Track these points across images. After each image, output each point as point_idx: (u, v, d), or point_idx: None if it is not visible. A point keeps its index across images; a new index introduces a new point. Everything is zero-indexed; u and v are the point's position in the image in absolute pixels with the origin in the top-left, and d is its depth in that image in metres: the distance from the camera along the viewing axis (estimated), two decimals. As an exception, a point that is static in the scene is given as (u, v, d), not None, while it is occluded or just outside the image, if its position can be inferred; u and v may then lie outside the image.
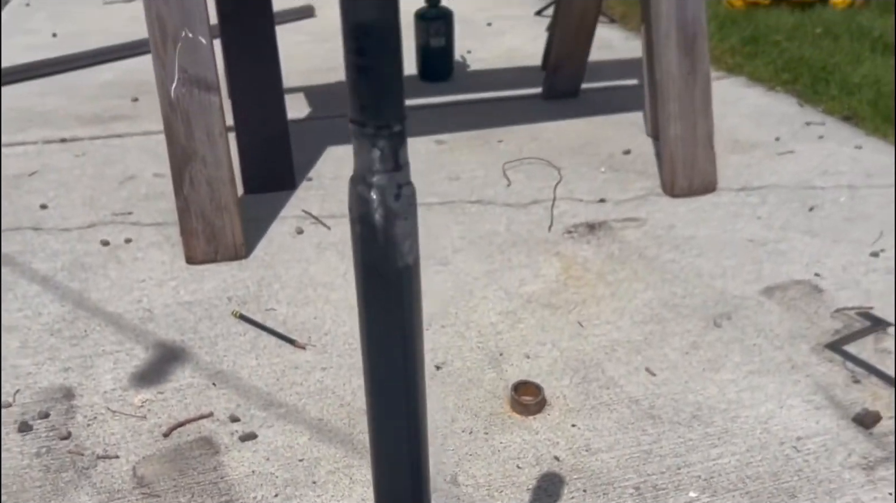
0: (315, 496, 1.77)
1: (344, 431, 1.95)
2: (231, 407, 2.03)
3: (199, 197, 2.63)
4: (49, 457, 1.88)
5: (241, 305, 2.43)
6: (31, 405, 2.03)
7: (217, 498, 1.77)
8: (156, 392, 2.08)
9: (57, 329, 2.32)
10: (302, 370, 2.16)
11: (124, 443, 1.92)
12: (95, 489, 1.79)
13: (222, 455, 1.89)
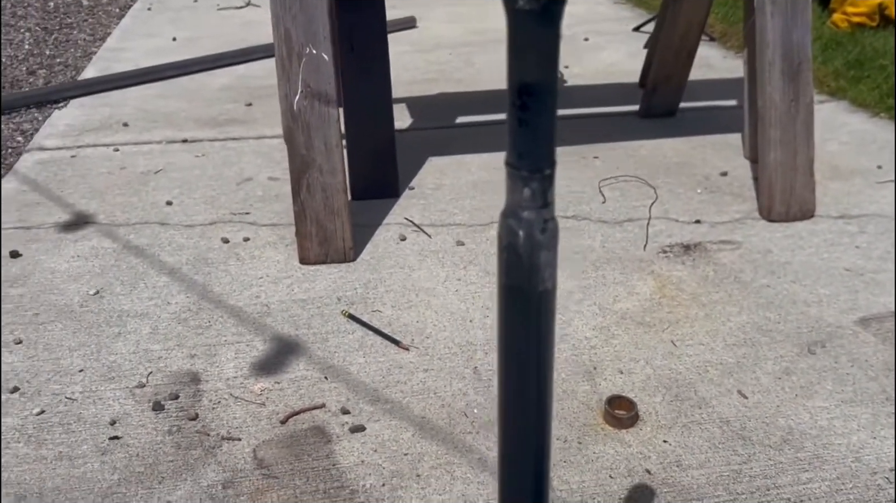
0: (419, 488, 1.91)
1: (445, 430, 2.08)
2: (342, 400, 2.19)
3: (315, 202, 2.82)
4: (179, 436, 2.07)
5: (350, 305, 2.60)
6: (162, 387, 2.24)
7: (329, 483, 1.93)
8: (273, 382, 2.27)
9: (184, 318, 2.54)
10: (406, 370, 2.31)
11: (246, 427, 2.11)
12: (221, 467, 1.98)
13: (334, 444, 2.05)
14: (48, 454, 2.00)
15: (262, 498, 1.89)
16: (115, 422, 2.10)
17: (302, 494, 1.89)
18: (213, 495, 1.89)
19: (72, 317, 2.53)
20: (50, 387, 2.22)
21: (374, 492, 1.90)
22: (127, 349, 2.38)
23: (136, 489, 1.90)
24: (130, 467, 1.97)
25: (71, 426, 2.09)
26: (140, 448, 2.03)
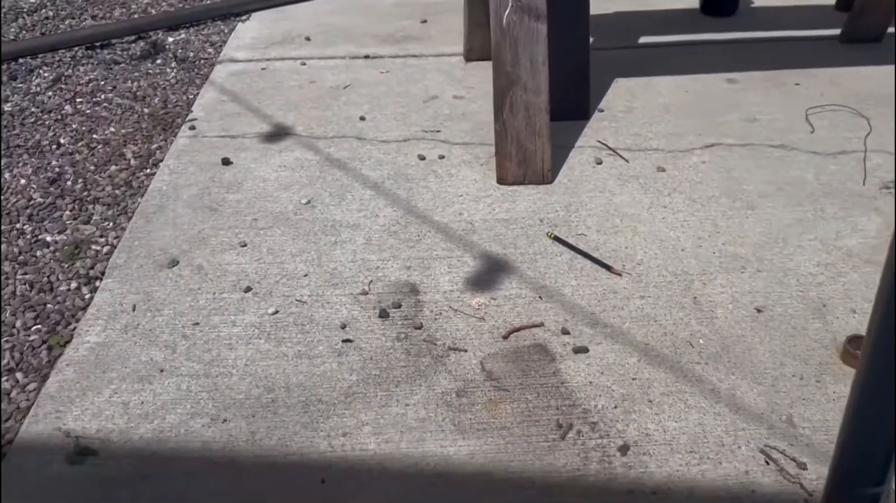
0: (652, 413, 1.91)
1: (671, 359, 2.07)
2: (559, 320, 2.21)
3: (517, 122, 2.79)
4: (408, 343, 2.15)
5: (554, 227, 2.59)
6: (384, 295, 2.32)
7: (560, 400, 1.96)
8: (489, 298, 2.30)
9: (394, 231, 2.60)
10: (621, 296, 2.29)
11: (469, 339, 2.16)
12: (452, 376, 2.04)
13: (558, 363, 2.07)
14: (288, 352, 2.12)
15: (495, 409, 1.94)
16: (346, 325, 2.20)
17: (535, 409, 1.93)
18: (449, 402, 1.96)
19: (288, 224, 2.63)
20: (280, 290, 2.33)
21: (607, 413, 1.91)
22: (345, 257, 2.47)
23: (375, 391, 2.00)
24: (366, 369, 2.06)
25: (305, 327, 2.20)
26: (372, 352, 2.12)
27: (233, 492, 1.73)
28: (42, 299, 2.31)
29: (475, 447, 1.84)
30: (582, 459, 1.79)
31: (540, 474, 1.77)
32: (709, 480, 1.73)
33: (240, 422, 1.91)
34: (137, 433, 1.87)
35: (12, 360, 2.10)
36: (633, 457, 1.80)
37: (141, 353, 2.10)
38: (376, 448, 1.84)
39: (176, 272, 2.40)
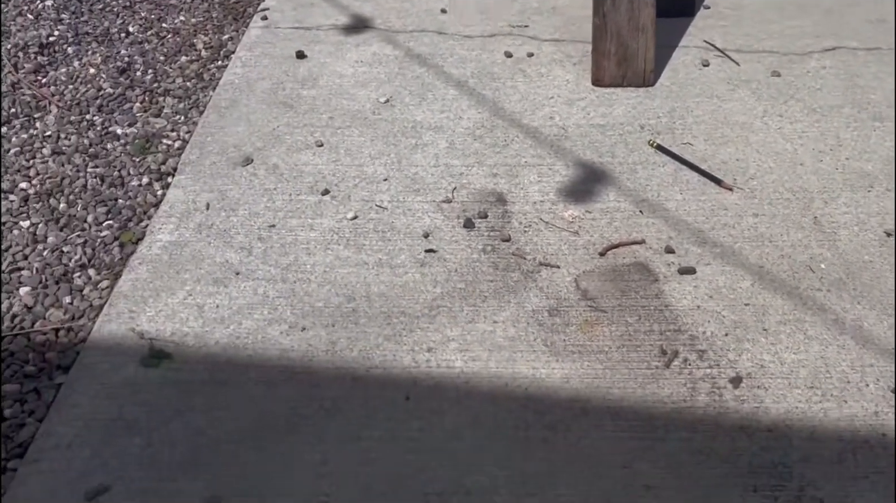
0: (768, 343, 1.73)
1: (789, 283, 1.87)
2: (663, 237, 2.02)
3: (618, 16, 2.52)
4: (495, 256, 1.99)
5: (656, 135, 2.36)
6: (469, 204, 2.15)
7: (664, 325, 1.79)
8: (584, 210, 2.12)
9: (478, 135, 2.41)
10: (732, 212, 2.08)
11: (562, 254, 1.99)
12: (543, 293, 1.89)
13: (662, 284, 1.89)
14: (368, 260, 1.99)
15: (592, 330, 1.79)
16: (429, 234, 2.05)
17: (635, 332, 1.77)
18: (541, 321, 1.81)
19: (366, 124, 2.46)
20: (359, 194, 2.19)
21: (717, 341, 1.74)
22: (427, 162, 2.30)
23: (461, 305, 1.86)
24: (451, 282, 1.92)
25: (386, 234, 2.06)
26: (457, 264, 1.97)
27: (312, 402, 1.64)
28: (113, 194, 2.22)
29: (570, 371, 1.70)
30: (689, 390, 1.64)
31: (642, 404, 1.62)
32: (832, 419, 1.56)
33: (319, 331, 1.80)
34: (213, 338, 1.79)
35: (84, 256, 2.02)
36: (746, 391, 1.63)
37: (216, 254, 2.00)
38: (463, 366, 1.72)
39: (250, 171, 2.27)
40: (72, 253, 2.04)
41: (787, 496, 1.44)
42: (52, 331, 1.83)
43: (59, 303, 1.90)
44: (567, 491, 1.46)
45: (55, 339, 1.81)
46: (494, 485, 1.48)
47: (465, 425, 1.59)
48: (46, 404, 1.65)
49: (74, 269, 1.99)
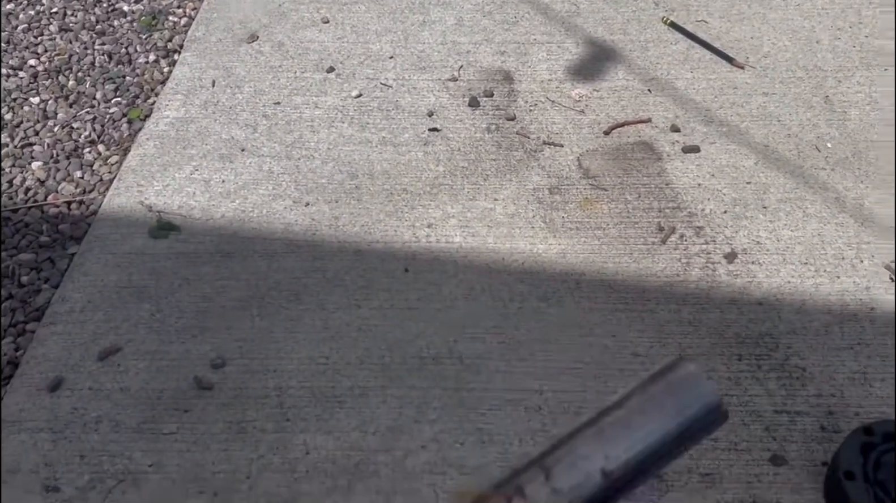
0: (766, 220, 1.74)
1: (793, 162, 1.85)
2: (669, 116, 1.99)
3: None
4: (498, 135, 1.99)
5: (670, 12, 2.29)
6: (475, 82, 2.13)
7: (664, 202, 1.80)
8: (591, 89, 2.09)
9: (487, 11, 2.35)
10: (741, 91, 2.04)
11: (566, 133, 1.98)
12: (545, 171, 1.89)
13: (665, 162, 1.89)
14: (372, 138, 1.99)
15: (591, 208, 1.80)
16: (433, 113, 2.04)
17: (634, 210, 1.79)
18: (541, 199, 1.83)
19: (373, 0, 2.41)
20: (364, 72, 2.17)
21: (715, 218, 1.75)
22: (434, 39, 2.26)
23: (463, 183, 1.88)
24: (453, 161, 1.93)
25: (390, 112, 2.06)
26: (460, 143, 1.97)
27: (315, 273, 1.69)
28: (121, 71, 2.22)
29: (566, 246, 1.73)
30: (683, 265, 1.66)
31: (635, 278, 1.65)
32: (823, 294, 1.59)
33: (322, 206, 1.84)
34: (219, 211, 1.83)
35: (93, 132, 2.05)
36: (740, 266, 1.65)
37: (221, 131, 2.02)
38: (462, 241, 1.75)
39: (256, 48, 2.25)
40: (81, 129, 2.07)
41: (770, 364, 1.48)
42: (64, 204, 1.88)
43: (70, 177, 1.95)
44: (557, 357, 1.52)
45: (67, 212, 1.87)
46: (487, 351, 1.54)
47: (461, 296, 1.64)
48: (60, 272, 1.73)
49: (84, 145, 2.03)
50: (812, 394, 1.44)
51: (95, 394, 1.49)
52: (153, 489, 1.36)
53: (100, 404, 1.48)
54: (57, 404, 1.48)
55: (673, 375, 0.47)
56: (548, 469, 0.44)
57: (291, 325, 1.60)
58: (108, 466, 1.39)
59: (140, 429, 1.44)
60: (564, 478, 0.44)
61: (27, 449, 1.42)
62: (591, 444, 0.45)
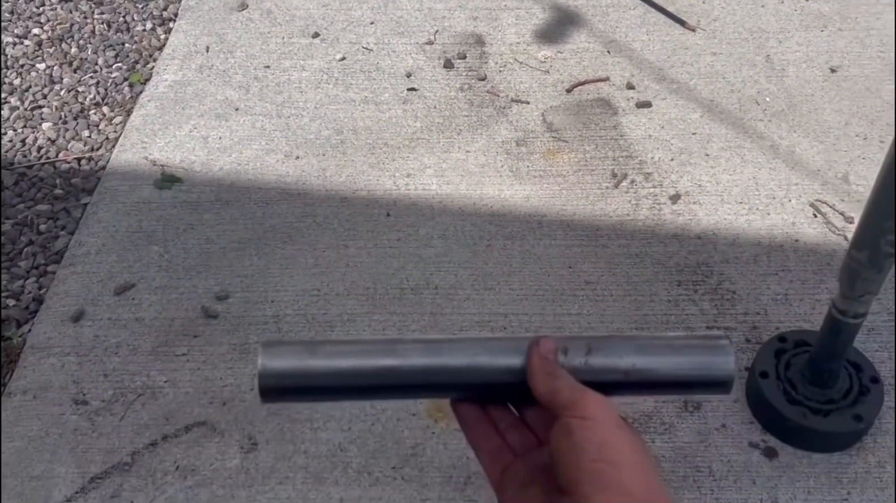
0: (708, 166, 1.95)
1: (735, 115, 2.06)
2: (626, 75, 2.19)
3: None
4: (471, 93, 2.18)
5: (629, -20, 2.48)
6: (449, 46, 2.32)
7: (618, 152, 2.00)
8: (556, 51, 2.28)
9: (462, -20, 2.53)
10: (692, 52, 2.24)
11: (532, 91, 2.18)
12: (513, 126, 2.09)
13: (620, 117, 2.09)
14: (355, 97, 2.18)
15: (553, 158, 2.00)
16: (411, 74, 2.23)
17: (591, 159, 1.99)
18: (509, 151, 2.03)
19: (355, -29, 2.59)
20: (347, 37, 2.35)
21: (663, 165, 1.96)
22: (411, 6, 2.44)
23: (438, 137, 2.07)
24: (430, 117, 2.12)
25: (371, 74, 2.24)
26: (436, 101, 2.17)
27: (306, 218, 1.89)
28: (120, 38, 2.39)
29: (531, 192, 1.93)
30: (633, 206, 1.87)
31: (590, 218, 1.86)
32: (754, 229, 1.80)
33: (311, 159, 2.03)
34: (217, 165, 2.02)
35: (98, 95, 2.23)
36: (682, 206, 1.87)
37: (217, 93, 2.20)
38: (437, 189, 1.95)
39: (246, 15, 2.42)
40: (86, 92, 2.24)
41: (705, 288, 1.70)
42: (74, 160, 2.06)
43: (78, 136, 2.12)
44: (519, 286, 1.73)
45: (78, 167, 2.05)
46: (458, 281, 1.75)
47: (436, 236, 1.84)
48: (76, 220, 1.91)
49: (90, 107, 2.20)
50: (740, 312, 1.66)
51: (114, 323, 1.70)
52: (169, 401, 1.57)
53: (118, 332, 1.68)
54: (80, 332, 1.68)
55: (711, 341, 0.57)
56: (591, 348, 0.55)
57: (286, 263, 1.80)
58: (129, 383, 1.60)
59: (155, 352, 1.65)
60: (598, 360, 0.55)
61: (56, 370, 1.62)
62: (628, 351, 0.56)
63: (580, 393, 0.51)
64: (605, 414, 0.50)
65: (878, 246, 1.15)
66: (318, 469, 1.47)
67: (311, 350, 0.55)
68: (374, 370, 0.55)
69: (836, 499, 1.40)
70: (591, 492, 0.47)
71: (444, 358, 0.55)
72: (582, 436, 0.49)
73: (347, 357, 0.55)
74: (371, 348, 0.56)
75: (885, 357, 1.57)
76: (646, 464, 0.49)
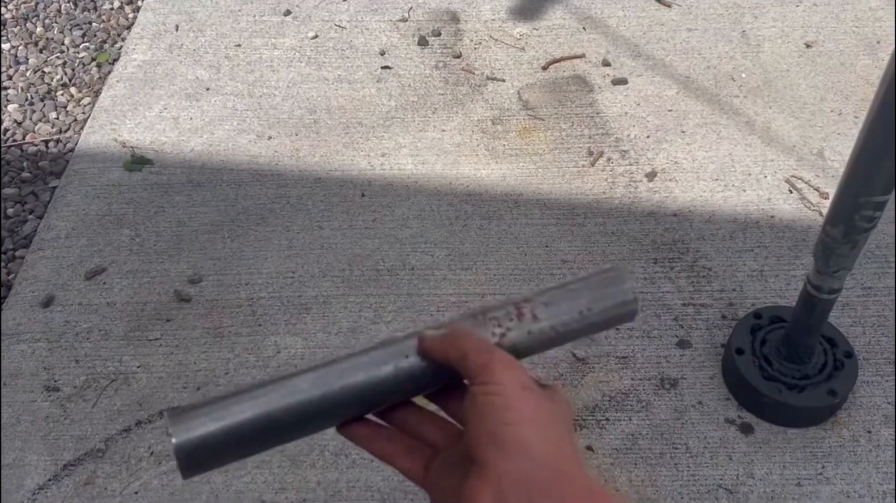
0: (684, 143, 1.94)
1: (710, 91, 2.05)
2: (601, 52, 2.17)
3: None
4: (446, 71, 2.16)
5: (605, -45, 2.45)
6: (423, 23, 2.28)
7: (594, 129, 1.99)
8: (531, 28, 2.26)
9: (435, -44, 2.50)
10: (667, 27, 2.22)
11: (508, 69, 2.15)
12: (488, 104, 2.07)
13: (596, 94, 2.07)
14: (328, 76, 2.15)
15: (529, 136, 1.99)
16: (385, 52, 2.20)
17: (568, 137, 1.98)
18: (485, 129, 2.01)
19: (327, -53, 2.54)
20: (319, 14, 2.31)
21: (639, 142, 1.95)
22: (385, -17, 2.41)
23: (413, 116, 2.05)
24: (404, 96, 2.10)
25: (345, 52, 2.21)
26: (411, 79, 2.14)
27: (279, 199, 1.86)
28: (87, 17, 2.34)
29: (507, 171, 1.92)
30: (609, 184, 1.87)
31: (566, 196, 1.85)
32: (730, 206, 1.80)
33: (284, 139, 2.00)
34: (188, 146, 1.98)
35: (65, 76, 2.18)
36: (659, 183, 1.86)
37: (187, 72, 2.15)
38: (413, 168, 1.93)
39: (215, -7, 2.38)
40: (53, 73, 2.19)
41: (681, 265, 1.70)
42: (42, 143, 2.02)
43: (45, 118, 2.08)
44: (496, 265, 1.72)
45: (46, 150, 2.01)
46: (435, 262, 1.73)
47: (412, 216, 1.83)
48: (44, 204, 1.88)
49: (57, 88, 2.15)
50: (716, 289, 1.66)
51: (85, 308, 1.67)
52: (143, 386, 1.55)
53: (89, 317, 1.65)
54: (50, 318, 1.65)
55: (605, 275, 0.60)
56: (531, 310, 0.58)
57: (260, 245, 1.77)
58: (101, 368, 1.57)
59: (127, 336, 1.62)
60: (544, 315, 0.57)
61: (26, 356, 1.59)
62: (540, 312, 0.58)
63: (487, 354, 0.51)
64: (511, 377, 0.49)
65: (853, 221, 1.15)
66: (294, 452, 1.46)
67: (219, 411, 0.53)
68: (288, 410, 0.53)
69: (812, 473, 1.41)
70: (491, 454, 0.46)
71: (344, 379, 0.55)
72: (485, 401, 0.48)
73: (254, 407, 0.53)
74: (269, 391, 0.54)
75: (859, 332, 1.58)
76: (551, 424, 0.48)
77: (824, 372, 1.45)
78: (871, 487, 1.39)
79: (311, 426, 0.55)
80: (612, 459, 1.44)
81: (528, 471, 0.45)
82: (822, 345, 1.47)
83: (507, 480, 0.45)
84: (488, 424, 0.47)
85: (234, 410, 0.53)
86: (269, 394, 0.53)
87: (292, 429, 0.54)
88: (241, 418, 0.52)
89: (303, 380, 0.54)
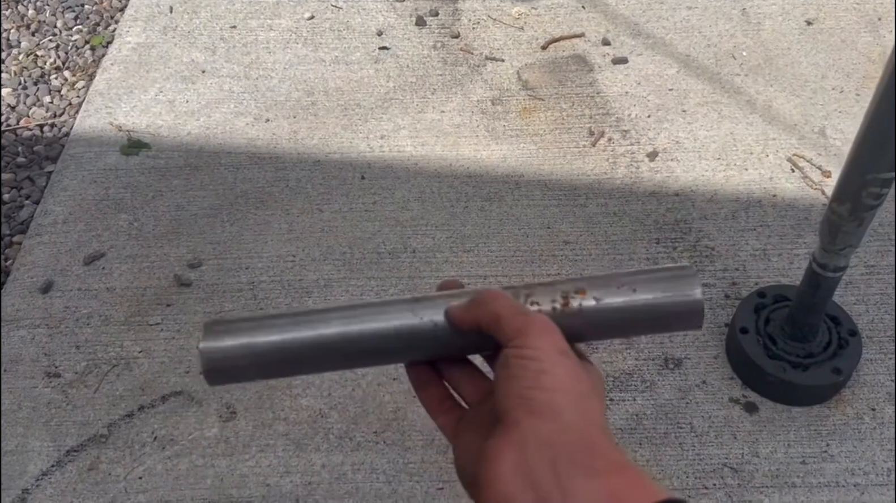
0: (685, 122, 1.93)
1: (711, 70, 2.04)
2: (601, 31, 2.15)
3: None
4: (444, 52, 2.14)
5: (603, -67, 2.43)
6: (421, 3, 2.26)
7: (595, 109, 1.98)
8: (530, 7, 2.24)
9: (432, -66, 2.47)
10: (667, 5, 2.20)
11: (507, 49, 2.13)
12: (488, 85, 2.05)
13: (596, 73, 2.06)
14: (325, 57, 2.13)
15: (529, 117, 1.97)
16: (382, 33, 2.18)
17: (568, 117, 1.96)
18: (484, 110, 1.99)
19: (322, -74, 2.50)
20: (315, -5, 2.29)
21: (640, 122, 1.94)
22: (381, -38, 2.38)
23: (412, 97, 2.03)
24: (403, 77, 2.08)
25: (342, 33, 2.18)
26: (409, 60, 2.12)
27: (278, 182, 1.85)
28: (78, 0, 2.30)
29: (507, 152, 1.90)
30: (610, 164, 1.86)
31: (568, 177, 1.84)
32: (732, 185, 1.80)
33: (282, 122, 1.98)
34: (185, 129, 1.96)
35: (58, 59, 2.15)
36: (660, 163, 1.85)
37: (182, 55, 2.13)
38: (412, 150, 1.92)
39: (209, -26, 2.34)
40: (46, 56, 2.16)
41: (684, 245, 1.69)
42: (37, 127, 1.99)
43: (39, 102, 2.05)
44: (498, 247, 1.71)
45: (41, 134, 1.99)
46: (437, 244, 1.72)
47: (412, 198, 1.81)
48: (40, 189, 1.86)
49: (50, 71, 2.12)
50: (719, 268, 1.65)
51: (84, 293, 1.65)
52: (144, 371, 1.54)
53: (89, 302, 1.64)
54: (50, 304, 1.64)
55: (679, 272, 0.55)
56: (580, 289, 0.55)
57: (260, 229, 1.76)
58: (102, 354, 1.56)
59: (128, 321, 1.61)
60: (600, 292, 0.54)
61: (27, 342, 1.58)
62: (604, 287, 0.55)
63: (523, 317, 0.49)
64: (548, 343, 0.48)
65: (860, 198, 1.14)
66: (298, 436, 1.45)
67: (255, 326, 0.55)
68: (327, 339, 0.54)
69: (816, 451, 1.41)
70: (521, 415, 0.46)
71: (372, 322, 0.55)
72: (519, 365, 0.47)
73: (292, 330, 0.55)
74: (314, 318, 0.55)
75: (863, 310, 1.58)
76: (586, 395, 0.47)
77: (828, 350, 1.45)
78: (876, 464, 1.40)
79: (332, 363, 0.56)
80: (616, 439, 1.44)
81: (556, 434, 0.44)
82: (826, 323, 1.47)
83: (532, 442, 0.44)
84: (521, 387, 0.46)
85: (261, 335, 0.55)
86: (299, 327, 0.55)
87: (314, 363, 0.56)
88: (266, 343, 0.54)
89: (334, 317, 0.55)
